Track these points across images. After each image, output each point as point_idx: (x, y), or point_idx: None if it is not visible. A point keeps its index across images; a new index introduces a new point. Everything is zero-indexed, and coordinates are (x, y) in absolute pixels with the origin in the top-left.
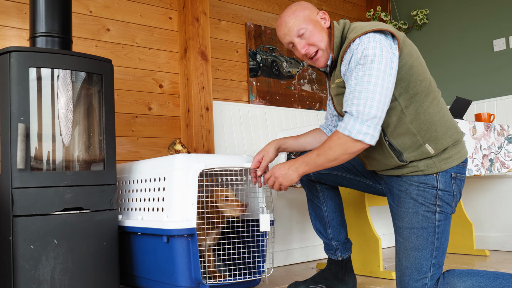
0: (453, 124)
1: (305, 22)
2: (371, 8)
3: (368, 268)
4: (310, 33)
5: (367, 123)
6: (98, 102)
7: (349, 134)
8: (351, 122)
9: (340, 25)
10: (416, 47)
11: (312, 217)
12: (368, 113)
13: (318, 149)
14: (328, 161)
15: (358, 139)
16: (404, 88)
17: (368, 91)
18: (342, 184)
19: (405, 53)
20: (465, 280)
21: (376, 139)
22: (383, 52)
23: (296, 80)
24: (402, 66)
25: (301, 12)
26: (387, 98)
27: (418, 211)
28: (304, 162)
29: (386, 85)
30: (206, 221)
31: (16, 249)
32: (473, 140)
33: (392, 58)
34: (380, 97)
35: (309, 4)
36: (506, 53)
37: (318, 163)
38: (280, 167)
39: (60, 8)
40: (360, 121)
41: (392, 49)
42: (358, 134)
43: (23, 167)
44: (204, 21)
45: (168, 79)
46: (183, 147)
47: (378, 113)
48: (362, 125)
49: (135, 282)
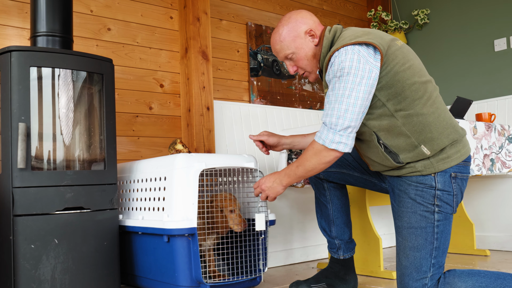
0: (450, 124)
1: (291, 47)
2: (372, 8)
3: (369, 267)
4: (297, 57)
5: (340, 133)
6: (99, 101)
7: (323, 143)
8: (325, 132)
9: (330, 34)
10: (407, 49)
11: (318, 215)
12: (342, 124)
13: (297, 160)
14: (306, 172)
15: (332, 148)
16: (391, 93)
17: (342, 103)
18: (349, 182)
19: (390, 60)
20: (466, 280)
21: (351, 146)
22: (360, 64)
23: (297, 80)
24: (386, 73)
25: (288, 35)
26: (362, 108)
27: (416, 211)
28: (286, 174)
29: (361, 95)
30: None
31: (16, 248)
32: (474, 140)
33: (371, 68)
34: (354, 108)
35: (300, 18)
36: (507, 53)
37: (298, 174)
38: (266, 180)
39: (61, 7)
40: (333, 131)
41: (371, 59)
42: (331, 143)
43: (24, 166)
44: (205, 20)
45: (169, 79)
46: (184, 146)
47: (351, 123)
48: (335, 135)
49: (136, 281)
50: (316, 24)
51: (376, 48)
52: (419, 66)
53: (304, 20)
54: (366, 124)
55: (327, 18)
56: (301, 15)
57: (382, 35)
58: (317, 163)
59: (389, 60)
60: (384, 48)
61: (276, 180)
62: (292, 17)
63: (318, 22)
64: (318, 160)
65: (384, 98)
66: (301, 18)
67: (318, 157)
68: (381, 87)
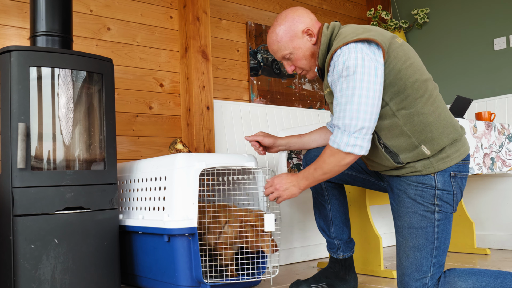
0: (450, 123)
1: (288, 47)
2: (371, 7)
3: (369, 267)
4: (294, 57)
5: (354, 135)
6: (99, 101)
7: (338, 147)
8: (339, 135)
9: (328, 30)
10: (407, 47)
11: (316, 215)
12: (355, 125)
13: (315, 163)
14: (323, 174)
15: (348, 151)
16: (394, 92)
17: (353, 104)
18: (347, 182)
19: (392, 57)
20: (466, 279)
21: (367, 148)
22: (365, 62)
23: (296, 79)
24: (389, 71)
25: (285, 35)
26: (374, 108)
27: (417, 211)
28: (304, 177)
29: (372, 94)
30: (240, 235)
31: (16, 248)
32: (474, 139)
33: (376, 66)
34: (366, 108)
35: (297, 16)
36: (506, 52)
37: (316, 177)
38: (282, 181)
39: (61, 7)
40: (348, 133)
41: (375, 56)
42: (346, 147)
43: (24, 166)
44: (204, 20)
45: (169, 78)
46: (184, 146)
47: (365, 124)
48: (350, 137)
49: (136, 281)
50: (313, 22)
51: (378, 45)
52: (420, 64)
53: (301, 19)
54: None
55: (327, 17)
56: (298, 13)
57: (382, 32)
58: (334, 165)
59: (390, 58)
60: (385, 45)
61: (293, 182)
62: (289, 16)
63: (315, 20)
64: (335, 163)
65: (387, 97)
66: (298, 16)
67: (336, 160)
68: (384, 86)
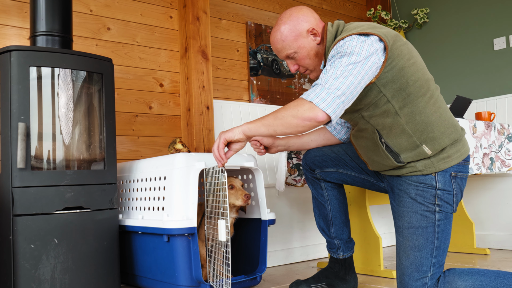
0: (451, 123)
1: (293, 46)
2: (371, 7)
3: (369, 267)
4: (299, 56)
5: (333, 93)
6: (99, 101)
7: (311, 100)
8: (317, 89)
9: (333, 28)
10: (411, 46)
11: (316, 215)
12: (337, 87)
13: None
14: (275, 119)
15: (320, 107)
16: (396, 89)
17: (343, 72)
18: (347, 182)
19: (396, 54)
20: (465, 279)
21: (337, 116)
22: (363, 50)
23: (296, 79)
24: (392, 67)
25: (289, 34)
26: (356, 88)
27: (417, 211)
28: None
29: (359, 77)
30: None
31: (16, 248)
32: (474, 139)
33: (373, 57)
34: (353, 81)
35: (302, 15)
36: (506, 52)
37: (264, 122)
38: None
39: (61, 7)
40: (327, 91)
41: (375, 49)
42: (321, 102)
43: (24, 166)
44: (204, 20)
45: (169, 78)
46: (184, 146)
47: (346, 92)
48: (329, 95)
49: (136, 281)
50: (318, 21)
51: (381, 40)
52: (422, 64)
53: (306, 18)
54: (369, 122)
55: (327, 17)
56: (302, 12)
57: (387, 30)
58: (291, 115)
59: (394, 55)
60: (389, 42)
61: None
62: (294, 15)
63: (319, 19)
64: (295, 112)
65: (389, 94)
66: (303, 15)
67: (297, 109)
68: (386, 82)
